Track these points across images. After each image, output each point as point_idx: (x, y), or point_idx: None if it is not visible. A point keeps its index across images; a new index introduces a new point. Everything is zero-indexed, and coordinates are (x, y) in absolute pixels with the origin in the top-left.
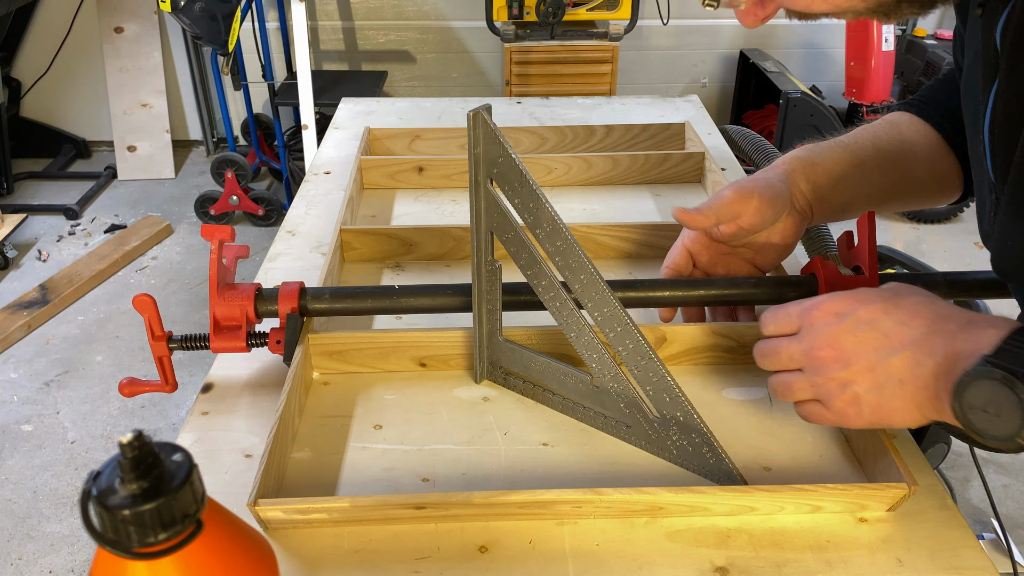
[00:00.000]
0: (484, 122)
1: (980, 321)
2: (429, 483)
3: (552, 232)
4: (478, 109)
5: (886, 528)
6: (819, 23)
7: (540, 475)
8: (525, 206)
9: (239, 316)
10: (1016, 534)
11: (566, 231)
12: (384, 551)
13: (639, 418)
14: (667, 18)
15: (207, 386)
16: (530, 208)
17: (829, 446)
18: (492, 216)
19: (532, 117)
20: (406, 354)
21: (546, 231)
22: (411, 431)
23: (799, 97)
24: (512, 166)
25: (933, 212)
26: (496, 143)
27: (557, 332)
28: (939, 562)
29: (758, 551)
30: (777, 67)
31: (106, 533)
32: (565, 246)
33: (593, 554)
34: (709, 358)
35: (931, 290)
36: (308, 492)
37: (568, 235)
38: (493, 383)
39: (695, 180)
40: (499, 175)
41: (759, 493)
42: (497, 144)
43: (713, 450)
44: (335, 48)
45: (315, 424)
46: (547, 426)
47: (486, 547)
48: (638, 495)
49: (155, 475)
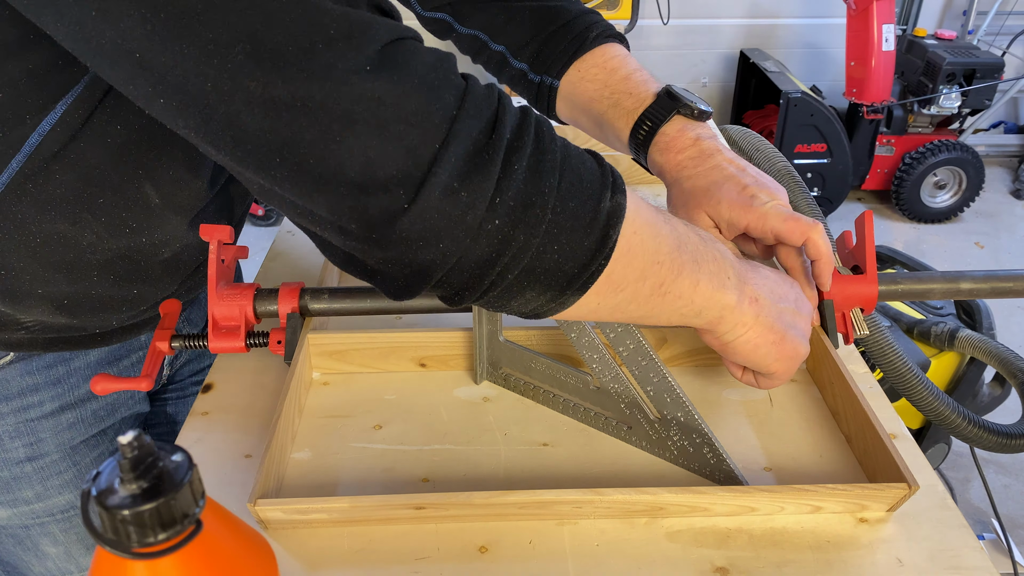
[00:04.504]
0: None
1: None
2: (429, 483)
3: None
4: None
5: (886, 528)
6: (819, 23)
7: (540, 475)
8: None
9: (238, 316)
10: (1016, 534)
11: None
12: (384, 551)
13: (640, 419)
14: (667, 18)
15: (207, 386)
16: None
17: (829, 446)
18: None
19: None
20: (406, 354)
21: None
22: (411, 431)
23: (799, 97)
24: None
25: (933, 212)
26: None
27: (557, 332)
28: (939, 562)
29: (758, 551)
30: (777, 67)
31: (106, 533)
32: None
33: (593, 554)
34: (709, 358)
35: (931, 290)
36: (308, 492)
37: None
38: (493, 383)
39: None
40: None
41: (759, 493)
42: None
43: (714, 450)
44: None
45: (315, 424)
46: (547, 426)
47: (486, 547)
48: (638, 495)
49: (155, 475)
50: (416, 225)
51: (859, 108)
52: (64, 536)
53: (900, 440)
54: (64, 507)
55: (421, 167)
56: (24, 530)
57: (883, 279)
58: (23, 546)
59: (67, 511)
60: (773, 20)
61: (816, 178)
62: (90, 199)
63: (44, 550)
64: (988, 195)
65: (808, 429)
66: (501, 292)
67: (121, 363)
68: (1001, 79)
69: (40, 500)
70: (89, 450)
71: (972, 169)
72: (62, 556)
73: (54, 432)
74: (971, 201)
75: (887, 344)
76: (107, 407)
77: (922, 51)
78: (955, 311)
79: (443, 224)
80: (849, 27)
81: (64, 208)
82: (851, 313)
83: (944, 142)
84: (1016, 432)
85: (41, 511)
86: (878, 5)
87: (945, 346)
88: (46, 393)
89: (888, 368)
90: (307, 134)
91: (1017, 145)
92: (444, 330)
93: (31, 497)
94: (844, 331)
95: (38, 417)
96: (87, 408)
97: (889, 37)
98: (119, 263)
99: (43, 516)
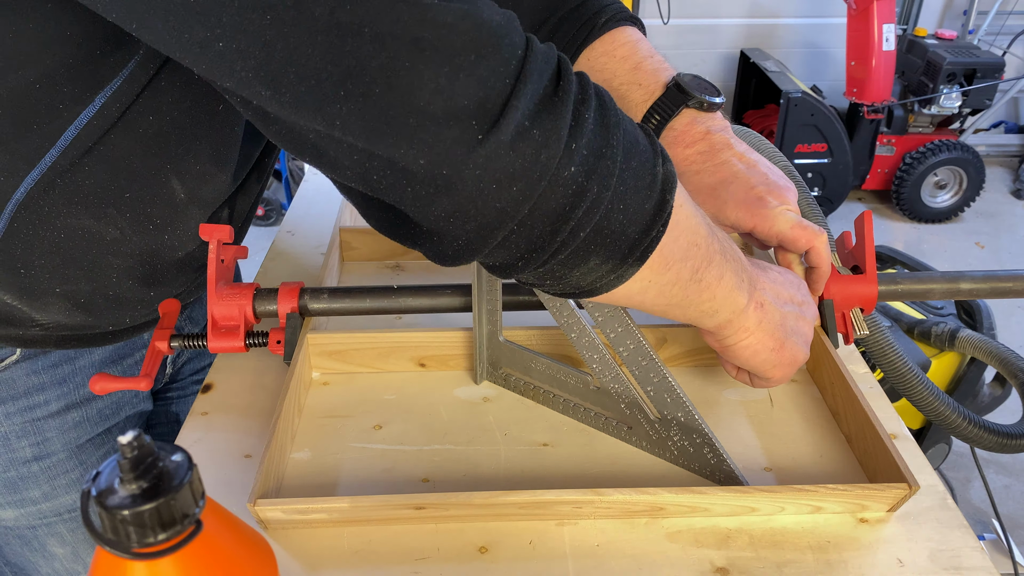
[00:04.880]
0: None
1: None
2: (429, 483)
3: None
4: None
5: (887, 528)
6: (820, 23)
7: (540, 475)
8: None
9: (237, 316)
10: (1017, 534)
11: None
12: (384, 551)
13: (640, 419)
14: (667, 17)
15: (207, 386)
16: None
17: (829, 446)
18: None
19: None
20: (406, 354)
21: None
22: (411, 431)
23: (800, 97)
24: None
25: (934, 212)
26: None
27: (557, 332)
28: (939, 562)
29: (758, 551)
30: (778, 67)
31: (105, 533)
32: None
33: (593, 554)
34: (709, 358)
35: (931, 290)
36: (308, 492)
37: None
38: (493, 383)
39: None
40: None
41: (760, 493)
42: None
43: (714, 450)
44: None
45: (315, 424)
46: (547, 426)
47: (486, 547)
48: (638, 495)
49: (155, 475)
50: (492, 162)
51: (859, 108)
52: (71, 536)
53: (900, 440)
54: (71, 507)
55: (494, 101)
56: (31, 531)
57: (883, 279)
58: (30, 547)
59: (74, 511)
60: (773, 20)
61: (816, 178)
62: (118, 193)
63: (51, 551)
64: (988, 195)
65: (808, 429)
66: (569, 256)
67: (125, 361)
68: (1001, 79)
69: (47, 500)
70: (95, 449)
71: (972, 169)
72: (69, 556)
73: (60, 431)
74: (971, 201)
75: (887, 344)
76: (112, 406)
77: (922, 51)
78: (955, 311)
79: (518, 164)
80: (849, 27)
81: (91, 203)
82: (851, 313)
83: (944, 142)
84: (1016, 432)
85: (48, 511)
86: (878, 5)
87: (945, 346)
88: (52, 392)
89: (888, 368)
90: (374, 61)
91: (1017, 145)
92: (444, 330)
93: (38, 497)
94: (844, 331)
95: (44, 416)
96: (92, 407)
97: (889, 37)
98: (139, 261)
99: (50, 516)
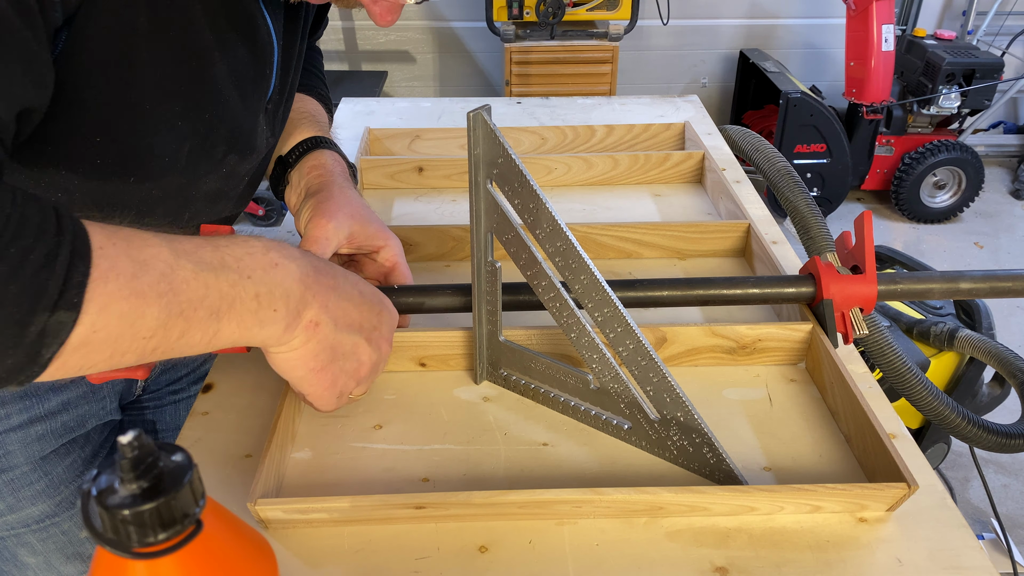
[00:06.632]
0: (484, 123)
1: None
2: (429, 483)
3: (552, 232)
4: (478, 110)
5: (886, 528)
6: (819, 23)
7: (540, 475)
8: (525, 206)
9: None
10: (1016, 534)
11: (566, 231)
12: (384, 551)
13: (639, 418)
14: (667, 18)
15: (207, 386)
16: (530, 208)
17: (829, 446)
18: (492, 217)
19: (532, 117)
20: (406, 354)
21: (546, 231)
22: (411, 431)
23: (799, 97)
24: (512, 166)
25: (933, 212)
26: (496, 143)
27: (557, 332)
28: (939, 562)
29: (758, 551)
30: (777, 67)
31: (106, 533)
32: (565, 246)
33: (593, 554)
34: (709, 358)
35: (930, 290)
36: (308, 492)
37: (568, 235)
38: (493, 383)
39: (695, 180)
40: (499, 175)
41: (759, 493)
42: (497, 144)
43: (714, 450)
44: (335, 48)
45: (315, 424)
46: (547, 426)
47: (486, 547)
48: (638, 495)
49: (155, 475)
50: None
51: (859, 108)
52: (42, 546)
53: (899, 440)
54: (39, 517)
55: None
56: (0, 542)
57: (882, 279)
58: (1, 557)
59: (42, 521)
60: (773, 20)
61: (816, 178)
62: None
63: (23, 560)
64: (987, 195)
65: (808, 429)
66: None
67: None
68: (1000, 79)
69: (12, 512)
70: (60, 459)
71: (971, 169)
72: (42, 566)
73: (23, 444)
74: (970, 201)
75: (886, 344)
76: (77, 418)
77: (922, 51)
78: (955, 311)
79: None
80: (849, 27)
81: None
82: (850, 313)
83: (944, 142)
84: (1015, 432)
85: (15, 522)
86: (878, 5)
87: (944, 346)
88: (13, 407)
89: (888, 368)
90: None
91: (1016, 145)
92: (444, 330)
93: (3, 509)
94: (843, 331)
95: (5, 430)
96: (56, 420)
97: (889, 37)
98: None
99: (18, 527)
